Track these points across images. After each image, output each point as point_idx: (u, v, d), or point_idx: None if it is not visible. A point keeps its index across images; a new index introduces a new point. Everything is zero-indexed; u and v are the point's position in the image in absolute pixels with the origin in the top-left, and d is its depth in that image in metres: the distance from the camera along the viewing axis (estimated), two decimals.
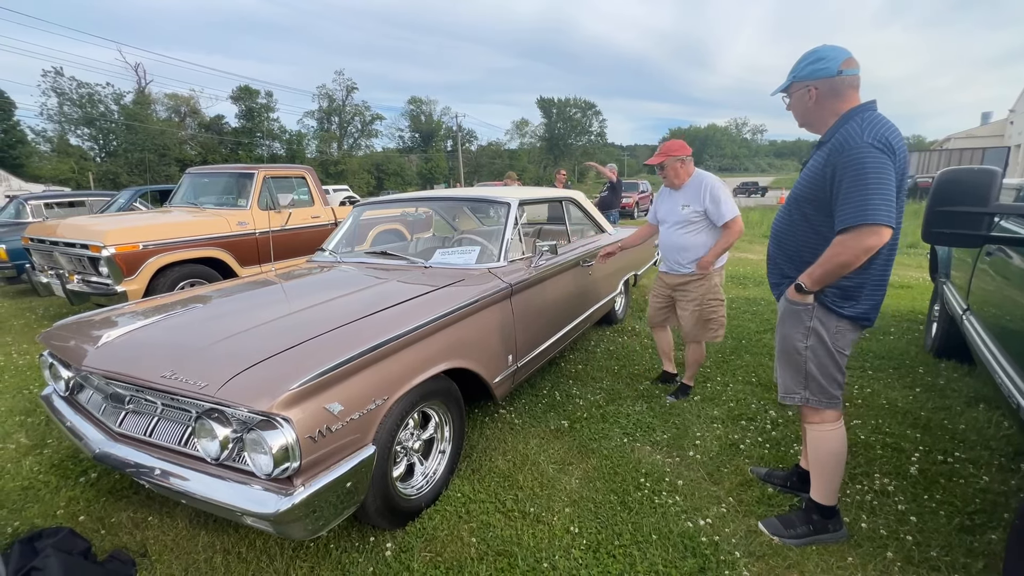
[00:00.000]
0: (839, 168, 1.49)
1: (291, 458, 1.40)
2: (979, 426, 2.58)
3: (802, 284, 1.61)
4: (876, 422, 2.63)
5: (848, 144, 1.47)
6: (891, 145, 1.46)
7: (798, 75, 1.64)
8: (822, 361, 1.68)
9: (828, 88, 1.59)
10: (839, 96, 1.59)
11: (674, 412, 2.81)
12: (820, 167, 1.58)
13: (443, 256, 2.75)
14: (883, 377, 3.24)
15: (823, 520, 1.80)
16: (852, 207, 1.45)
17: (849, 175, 1.46)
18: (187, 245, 4.75)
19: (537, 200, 3.36)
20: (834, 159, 1.51)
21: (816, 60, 1.60)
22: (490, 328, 2.35)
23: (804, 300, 1.65)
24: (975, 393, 2.95)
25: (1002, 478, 2.14)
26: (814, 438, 1.77)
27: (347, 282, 2.48)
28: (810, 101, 1.63)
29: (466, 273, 2.52)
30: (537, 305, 2.73)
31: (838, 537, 1.80)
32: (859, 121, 1.51)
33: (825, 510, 1.80)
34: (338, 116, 62.25)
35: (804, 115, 1.69)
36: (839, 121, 1.58)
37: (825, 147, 1.58)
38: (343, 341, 1.66)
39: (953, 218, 1.74)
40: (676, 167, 2.75)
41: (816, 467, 1.80)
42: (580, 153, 72.00)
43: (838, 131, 1.55)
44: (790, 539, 1.81)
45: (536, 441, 2.55)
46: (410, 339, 1.84)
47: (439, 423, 2.16)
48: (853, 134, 1.48)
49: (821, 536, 1.80)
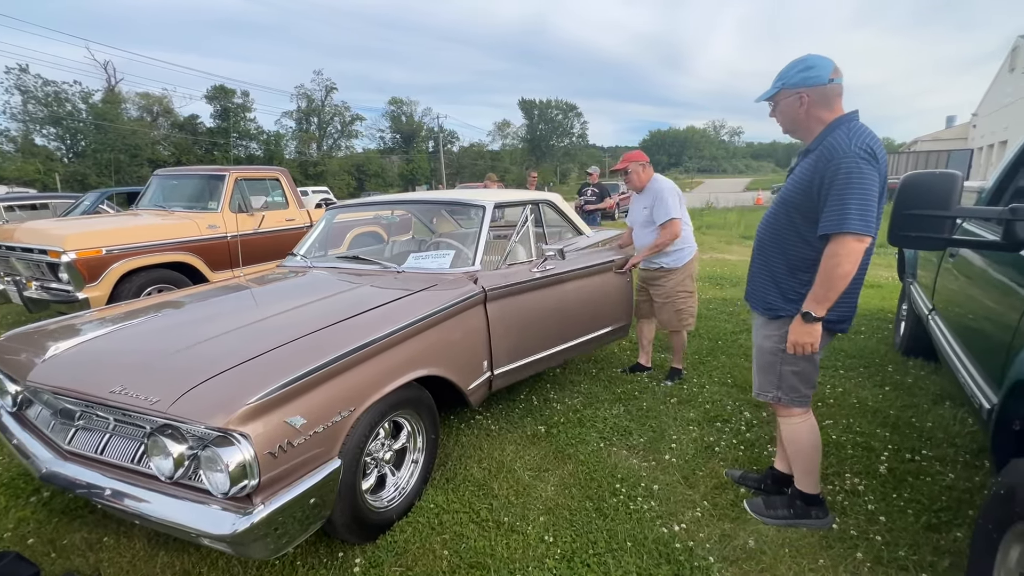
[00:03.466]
0: (827, 176, 1.53)
1: (249, 475, 1.34)
2: (945, 423, 2.64)
3: (811, 312, 1.56)
4: (847, 421, 2.67)
5: (836, 153, 1.51)
6: (875, 154, 1.51)
7: (787, 82, 1.64)
8: (795, 363, 1.73)
9: (819, 95, 1.61)
10: (827, 104, 1.62)
11: (651, 415, 2.81)
12: (808, 174, 1.60)
13: (417, 260, 2.70)
14: (854, 376, 3.30)
15: (806, 506, 1.86)
16: (836, 215, 1.49)
17: (837, 183, 1.49)
18: (154, 250, 4.59)
19: (513, 203, 3.32)
20: (822, 167, 1.54)
21: (807, 68, 1.61)
22: (463, 334, 2.31)
23: (814, 330, 1.59)
24: (941, 391, 3.02)
25: (967, 475, 2.18)
26: (787, 431, 1.86)
27: (316, 288, 2.42)
28: (800, 108, 1.64)
29: (440, 278, 2.48)
30: (524, 314, 2.59)
31: (822, 524, 1.84)
32: (846, 131, 1.54)
33: (808, 497, 1.86)
34: (317, 117, 61.29)
35: (793, 121, 1.69)
36: (826, 130, 1.61)
37: (812, 155, 1.61)
38: (307, 351, 1.60)
39: (917, 221, 1.77)
40: (638, 171, 3.11)
41: (792, 457, 1.87)
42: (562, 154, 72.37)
43: (825, 139, 1.57)
44: (771, 519, 1.88)
45: (512, 447, 2.51)
46: (378, 348, 1.78)
47: (411, 432, 2.11)
48: (841, 143, 1.51)
49: (803, 521, 1.85)
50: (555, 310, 2.78)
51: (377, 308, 2.03)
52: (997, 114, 28.21)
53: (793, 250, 1.68)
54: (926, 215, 1.75)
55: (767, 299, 1.78)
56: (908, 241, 1.80)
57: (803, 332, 1.61)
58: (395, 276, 2.55)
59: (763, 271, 1.79)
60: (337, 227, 5.10)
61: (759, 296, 1.81)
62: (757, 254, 1.83)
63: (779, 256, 1.73)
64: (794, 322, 1.63)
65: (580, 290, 2.92)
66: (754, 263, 1.84)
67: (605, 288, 3.05)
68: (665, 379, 3.27)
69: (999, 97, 28.23)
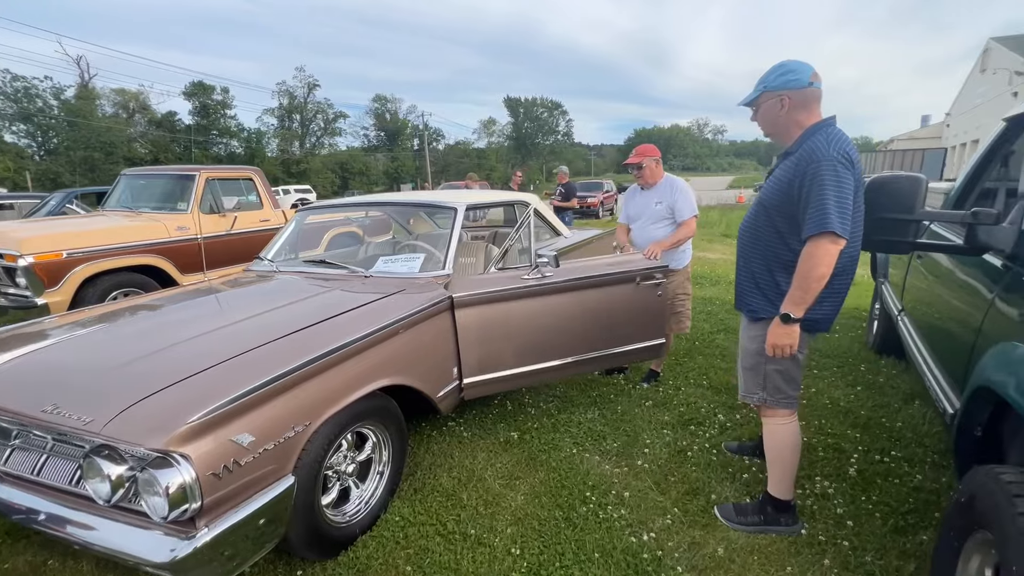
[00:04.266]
0: (807, 179, 1.55)
1: (191, 498, 1.27)
2: (914, 423, 2.67)
3: (789, 314, 1.58)
4: (819, 422, 2.67)
5: (815, 156, 1.54)
6: (852, 159, 1.54)
7: (769, 85, 1.67)
8: (779, 363, 1.74)
9: (800, 99, 1.64)
10: (807, 107, 1.64)
11: (625, 419, 2.78)
12: (788, 177, 1.63)
13: (385, 264, 2.63)
14: (827, 376, 3.32)
15: (776, 513, 1.86)
16: (814, 217, 1.51)
17: (816, 186, 1.52)
18: (119, 252, 4.43)
19: (487, 204, 3.27)
20: (802, 170, 1.57)
21: (787, 72, 1.64)
22: (431, 341, 2.25)
23: (792, 332, 1.60)
24: (912, 390, 3.05)
25: (934, 475, 2.20)
26: (768, 432, 1.85)
27: (279, 294, 2.33)
28: (782, 111, 1.66)
29: (409, 282, 2.42)
30: (506, 324, 2.41)
31: (790, 531, 1.84)
32: (824, 136, 1.57)
33: (779, 503, 1.85)
34: (299, 114, 60.38)
35: (774, 124, 1.72)
36: (805, 134, 1.64)
37: (792, 158, 1.64)
38: (258, 364, 1.53)
39: (883, 225, 1.77)
40: (652, 167, 3.04)
41: (770, 459, 1.86)
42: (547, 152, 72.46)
43: (804, 143, 1.60)
44: (740, 526, 1.88)
45: (484, 455, 2.47)
46: (336, 358, 1.72)
47: (377, 443, 2.04)
48: (820, 147, 1.54)
49: (772, 528, 1.85)
50: (553, 322, 2.51)
51: (338, 316, 1.96)
52: (969, 114, 28.96)
53: (773, 251, 1.70)
54: (892, 219, 1.75)
55: (749, 301, 1.79)
56: (876, 245, 1.81)
57: (781, 334, 1.61)
58: (363, 281, 2.48)
59: (744, 273, 1.81)
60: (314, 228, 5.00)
61: (742, 298, 1.83)
62: (739, 256, 1.85)
63: (759, 258, 1.75)
64: (772, 324, 1.64)
65: (589, 302, 2.58)
66: (737, 265, 1.87)
67: (625, 301, 2.64)
68: (642, 380, 3.26)
69: (971, 97, 28.99)
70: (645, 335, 2.76)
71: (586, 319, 2.60)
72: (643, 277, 2.66)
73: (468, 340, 2.36)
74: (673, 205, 2.97)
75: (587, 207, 17.31)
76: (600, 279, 2.60)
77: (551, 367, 2.56)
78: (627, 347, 2.73)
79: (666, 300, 2.76)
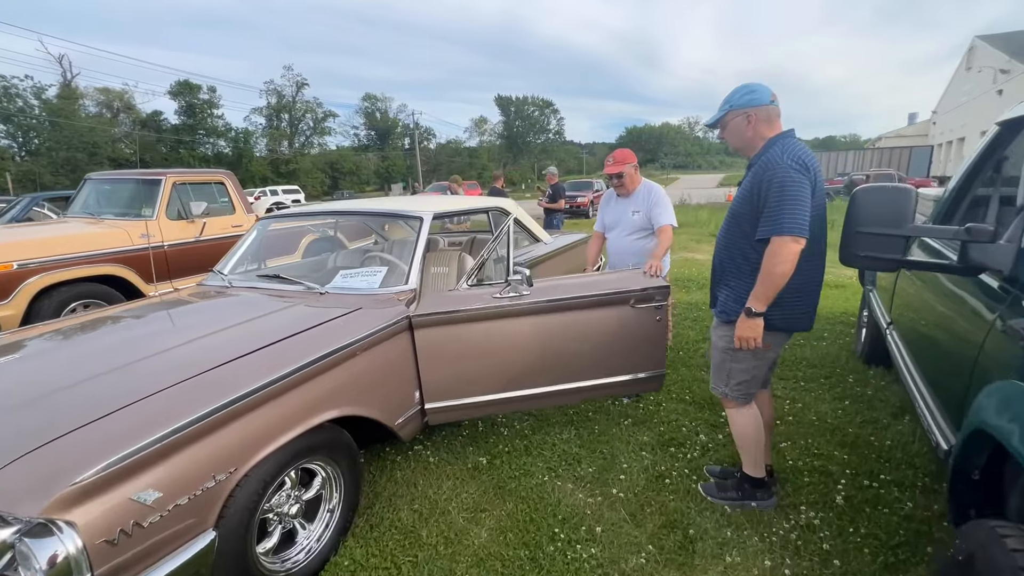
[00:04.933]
0: (763, 186, 1.69)
1: (76, 571, 1.09)
2: (904, 441, 2.54)
3: (752, 308, 1.72)
4: (805, 442, 2.54)
5: (771, 165, 1.67)
6: (806, 164, 1.67)
7: (735, 104, 1.80)
8: (742, 361, 1.88)
9: (764, 115, 1.78)
10: (769, 122, 1.79)
11: (602, 439, 2.63)
12: (749, 186, 1.77)
13: (344, 279, 2.46)
14: (814, 388, 3.19)
15: (752, 488, 2.05)
16: (773, 219, 1.65)
17: (773, 192, 1.65)
18: (76, 262, 4.21)
19: (457, 212, 3.10)
20: (759, 178, 1.71)
21: (750, 92, 1.79)
22: (389, 364, 2.09)
23: (757, 325, 1.74)
24: (901, 403, 2.93)
25: (925, 502, 2.07)
26: (731, 420, 2.04)
27: (225, 315, 2.15)
28: (748, 127, 1.79)
29: (367, 299, 2.24)
30: (474, 346, 2.21)
31: (765, 506, 2.04)
32: (780, 146, 1.71)
33: (754, 480, 2.05)
34: (288, 113, 59.77)
35: (741, 139, 1.84)
36: (765, 146, 1.77)
37: (753, 169, 1.78)
38: (173, 405, 1.36)
39: (868, 240, 1.63)
40: (632, 174, 2.92)
41: (739, 445, 2.06)
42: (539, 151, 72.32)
43: (763, 155, 1.75)
44: (722, 500, 2.09)
45: (450, 483, 2.30)
46: (273, 391, 1.55)
47: (326, 480, 1.88)
48: (775, 157, 1.68)
49: (749, 502, 2.05)
50: (530, 347, 2.27)
51: (284, 341, 1.79)
52: (955, 111, 29.23)
53: (743, 255, 1.82)
54: (878, 234, 1.61)
55: (721, 302, 1.92)
56: (860, 261, 1.66)
57: (746, 327, 1.75)
58: (318, 298, 2.31)
59: (717, 276, 1.96)
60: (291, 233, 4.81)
61: (715, 299, 1.97)
62: (714, 262, 1.98)
63: (730, 262, 1.87)
64: (739, 318, 1.78)
65: (572, 326, 2.29)
66: (713, 272, 2.00)
67: (616, 326, 2.31)
68: (623, 395, 3.10)
69: (957, 95, 29.24)
70: (640, 365, 2.40)
71: (568, 345, 2.31)
72: (638, 299, 2.31)
73: (430, 363, 2.19)
74: (650, 214, 2.83)
75: (577, 207, 17.19)
76: (586, 300, 2.28)
77: (526, 396, 2.32)
78: (617, 378, 2.39)
79: (667, 325, 2.40)
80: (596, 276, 2.56)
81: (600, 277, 2.53)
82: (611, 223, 3.02)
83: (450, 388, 2.24)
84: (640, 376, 2.41)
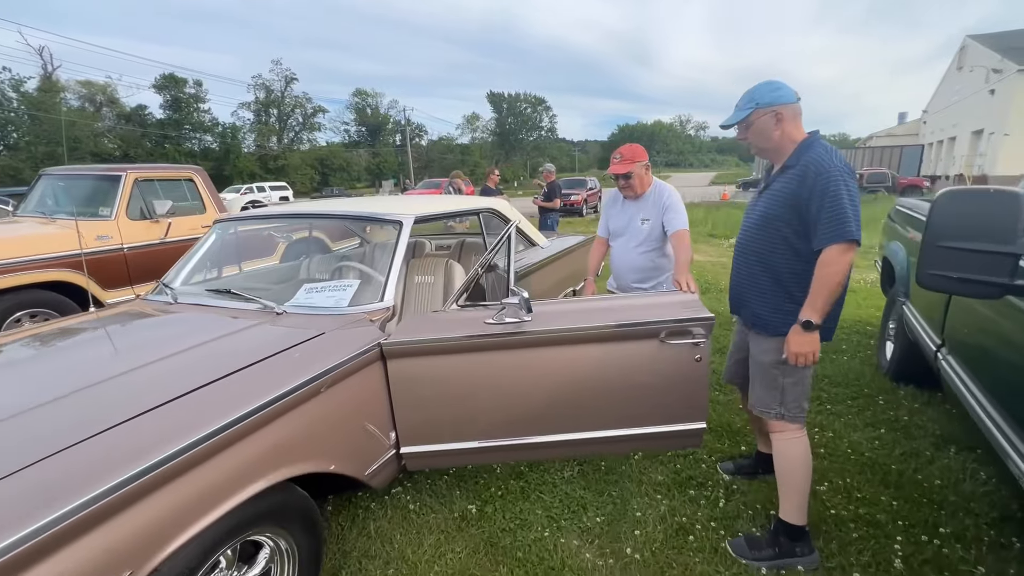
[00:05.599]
0: (816, 191, 1.55)
1: None
2: (954, 479, 2.22)
3: (812, 321, 1.58)
4: (844, 482, 2.21)
5: (823, 169, 1.55)
6: (851, 170, 1.58)
7: (762, 101, 1.66)
8: (794, 375, 1.73)
9: (792, 113, 1.66)
10: (796, 122, 1.68)
11: (611, 478, 2.28)
12: (793, 190, 1.62)
13: (308, 296, 2.08)
14: (842, 411, 2.87)
15: (790, 543, 1.78)
16: (834, 227, 1.53)
17: (829, 198, 1.53)
18: (20, 267, 3.77)
19: (443, 215, 2.72)
20: (810, 183, 1.57)
21: (776, 88, 1.67)
22: (356, 402, 1.72)
23: (815, 339, 1.60)
24: (941, 431, 2.62)
25: (997, 566, 1.74)
26: (780, 451, 1.80)
27: (157, 342, 1.77)
28: (777, 126, 1.67)
29: (332, 321, 1.87)
30: (456, 383, 1.81)
31: (808, 563, 1.76)
32: (823, 149, 1.61)
33: (793, 531, 1.78)
34: (277, 108, 58.78)
35: (768, 139, 1.70)
36: (801, 148, 1.65)
37: (792, 171, 1.64)
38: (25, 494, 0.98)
39: (958, 258, 1.29)
40: (642, 175, 2.47)
41: (781, 480, 1.80)
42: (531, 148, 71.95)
43: (804, 156, 1.62)
44: (755, 561, 1.78)
45: (434, 538, 1.94)
46: (186, 461, 1.17)
47: (275, 552, 1.50)
48: (824, 160, 1.57)
49: (788, 560, 1.77)
50: (528, 385, 1.83)
51: (211, 385, 1.39)
52: (946, 111, 29.30)
53: (784, 264, 1.69)
54: (974, 250, 1.27)
55: (767, 318, 1.75)
56: (946, 284, 1.32)
57: (804, 342, 1.61)
58: (273, 319, 1.93)
59: (752, 288, 1.79)
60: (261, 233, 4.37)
61: (751, 312, 1.81)
62: (745, 276, 1.82)
63: (767, 272, 1.73)
64: (792, 333, 1.63)
65: (584, 363, 1.83)
66: (741, 281, 1.85)
67: (643, 365, 1.83)
68: None
69: (948, 95, 29.32)
70: (673, 415, 1.87)
71: (579, 386, 1.83)
72: (670, 332, 1.79)
73: (407, 401, 1.82)
74: (663, 219, 2.44)
75: (570, 205, 16.86)
76: (602, 332, 1.80)
77: (526, 445, 1.88)
78: (643, 429, 1.88)
79: (707, 368, 1.85)
80: (614, 300, 2.04)
81: (620, 301, 2.02)
82: (616, 230, 2.61)
83: (432, 431, 1.86)
84: (673, 429, 1.89)
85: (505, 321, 1.83)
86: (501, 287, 3.08)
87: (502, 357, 1.84)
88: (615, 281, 2.69)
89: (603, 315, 1.85)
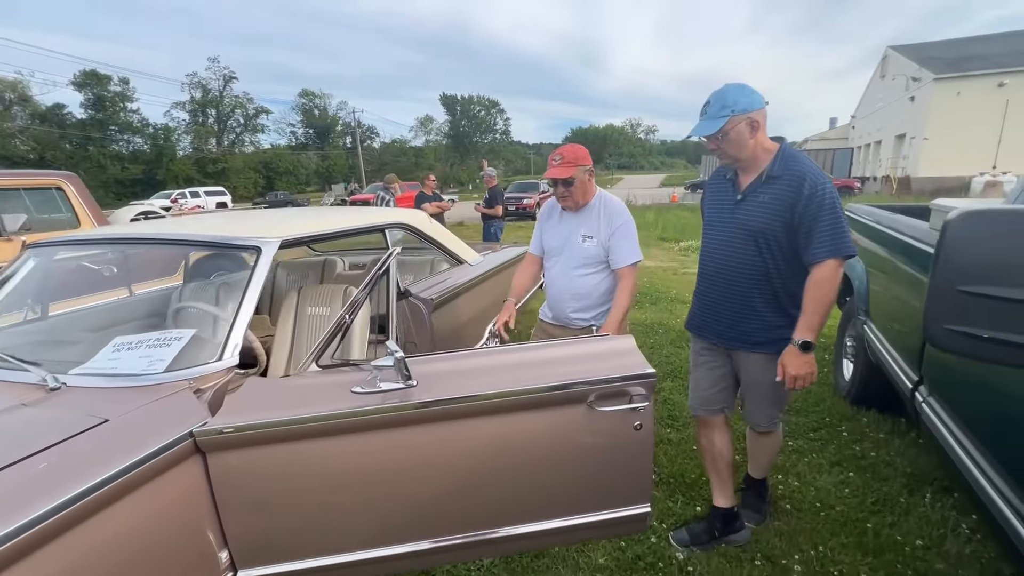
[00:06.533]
0: (813, 204, 1.49)
1: None
2: (935, 534, 1.91)
3: (809, 341, 1.53)
4: (816, 551, 1.84)
5: (815, 181, 1.50)
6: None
7: (737, 108, 1.55)
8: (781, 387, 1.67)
9: (763, 119, 1.58)
10: (765, 128, 1.60)
11: (539, 564, 1.82)
12: (786, 201, 1.54)
13: (113, 355, 1.49)
14: (804, 448, 2.55)
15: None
16: (834, 240, 1.48)
17: (826, 211, 1.48)
18: None
19: (328, 235, 2.18)
20: (807, 195, 1.50)
21: (748, 93, 1.57)
22: (158, 520, 1.17)
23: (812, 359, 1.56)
24: (912, 467, 2.34)
25: None
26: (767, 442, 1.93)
27: None
28: (752, 134, 1.58)
29: (134, 395, 1.31)
30: (314, 476, 1.31)
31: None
32: (803, 158, 1.57)
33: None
34: (215, 108, 55.43)
35: (744, 148, 1.59)
36: (784, 157, 1.58)
37: (779, 182, 1.55)
38: None
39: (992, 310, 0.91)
40: (585, 181, 2.02)
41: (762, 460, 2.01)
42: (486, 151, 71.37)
43: (790, 167, 1.56)
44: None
45: None
46: None
47: None
48: (816, 172, 1.53)
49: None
50: (413, 474, 1.35)
51: None
52: (872, 116, 31.25)
53: (778, 280, 1.63)
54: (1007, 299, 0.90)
55: (751, 333, 1.69)
56: (971, 346, 0.94)
57: (802, 363, 1.55)
58: (41, 399, 1.33)
59: (742, 308, 1.69)
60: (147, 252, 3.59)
61: (739, 333, 1.72)
62: (724, 292, 1.72)
63: (760, 289, 1.66)
64: (788, 355, 1.57)
65: (487, 442, 1.37)
66: (721, 300, 1.74)
67: (567, 439, 1.40)
68: None
69: (873, 101, 31.29)
70: (609, 500, 1.46)
71: (482, 473, 1.37)
72: (601, 396, 1.36)
73: (237, 506, 1.28)
74: (607, 245, 1.98)
75: (523, 208, 16.53)
76: (511, 401, 1.33)
77: (418, 552, 1.40)
78: (571, 520, 1.45)
79: (651, 437, 1.42)
80: (525, 352, 1.54)
81: (532, 353, 1.52)
82: (552, 248, 2.13)
83: (281, 545, 1.33)
84: (609, 517, 1.46)
85: (379, 388, 1.33)
86: (416, 316, 2.58)
87: (377, 439, 1.33)
88: (550, 311, 2.19)
89: (511, 375, 1.37)
